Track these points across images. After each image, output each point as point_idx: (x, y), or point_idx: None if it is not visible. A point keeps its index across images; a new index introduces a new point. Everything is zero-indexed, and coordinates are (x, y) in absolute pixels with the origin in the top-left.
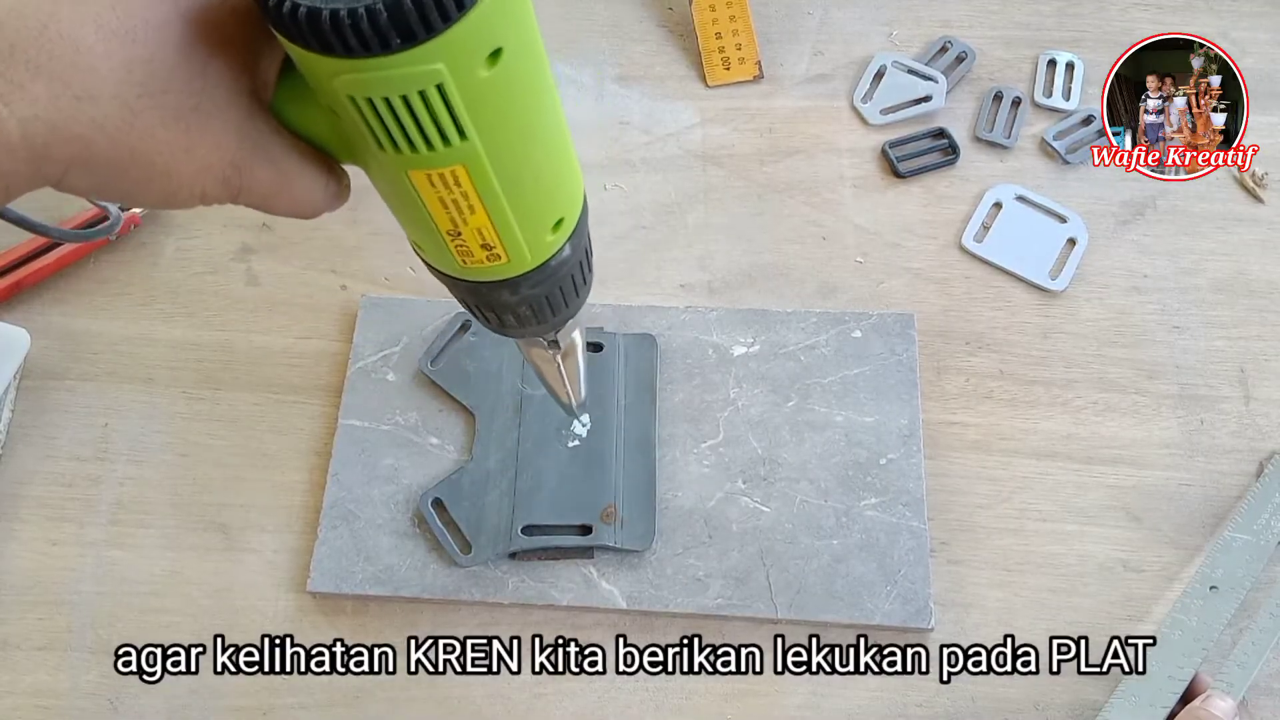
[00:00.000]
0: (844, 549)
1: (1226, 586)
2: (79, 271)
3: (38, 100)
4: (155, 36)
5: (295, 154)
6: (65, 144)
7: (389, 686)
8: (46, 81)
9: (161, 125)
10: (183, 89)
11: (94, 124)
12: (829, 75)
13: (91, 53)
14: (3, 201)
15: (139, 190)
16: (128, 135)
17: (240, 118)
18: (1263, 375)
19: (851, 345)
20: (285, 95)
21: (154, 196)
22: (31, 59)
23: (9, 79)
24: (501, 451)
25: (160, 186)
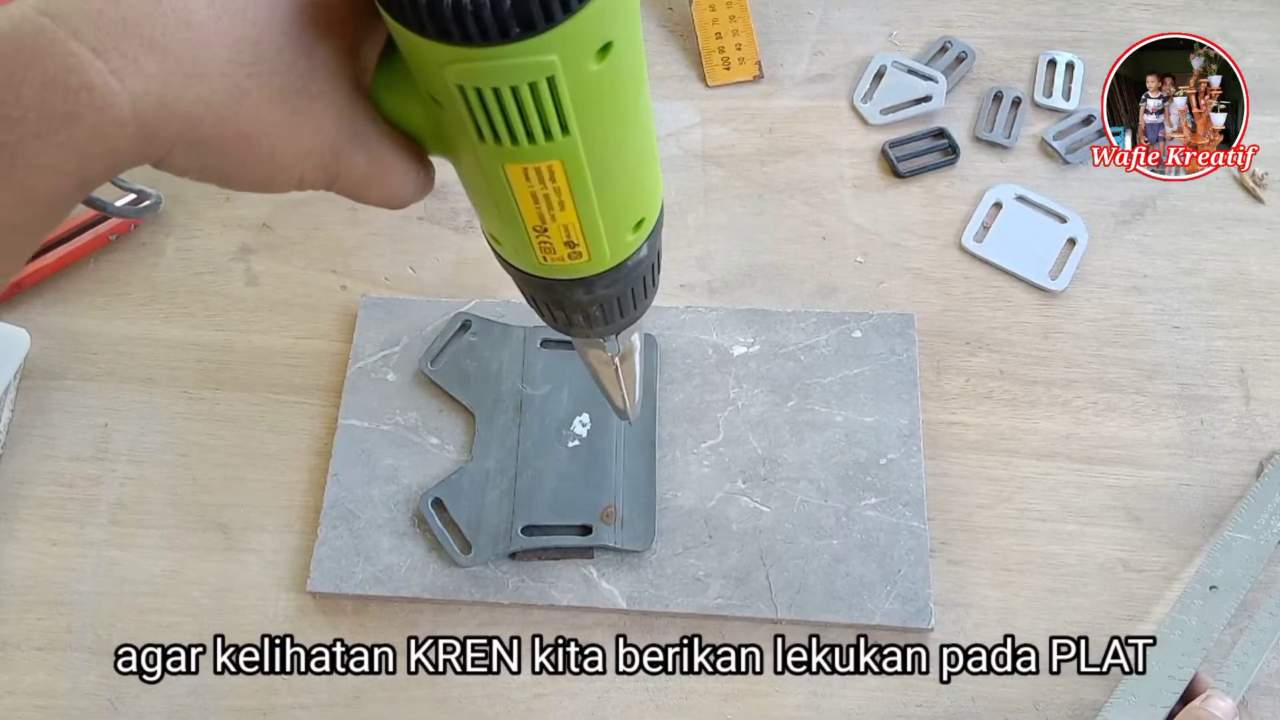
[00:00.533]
0: (844, 549)
1: (1226, 586)
2: (79, 271)
3: (150, 76)
4: (265, 16)
5: (389, 142)
6: (173, 121)
7: (389, 686)
8: (160, 57)
9: (268, 106)
10: (289, 70)
11: (202, 102)
12: (829, 75)
13: (203, 29)
14: (109, 176)
15: (240, 173)
16: (235, 115)
17: (342, 103)
18: (1263, 375)
19: (851, 345)
20: (383, 82)
21: (254, 179)
22: (145, 34)
23: (123, 53)
24: (501, 451)
25: (262, 170)
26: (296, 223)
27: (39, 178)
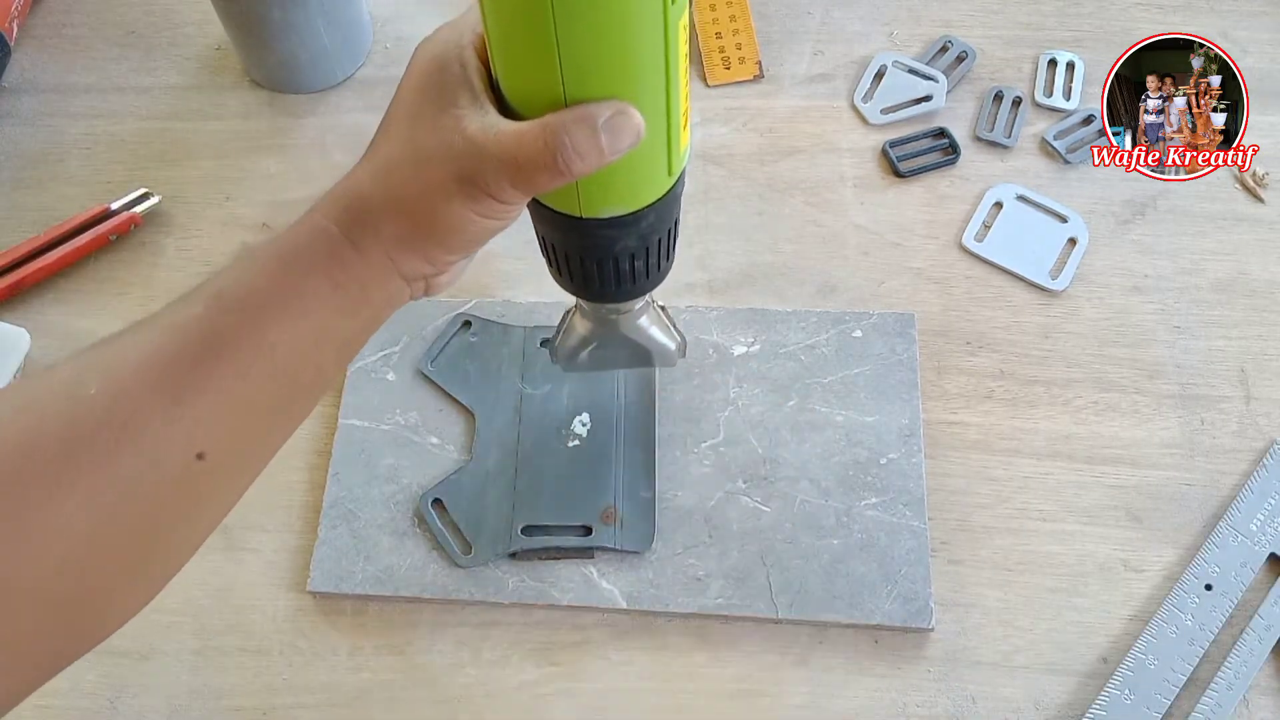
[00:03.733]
0: (844, 549)
1: (1221, 586)
2: (79, 271)
3: (429, 268)
4: (419, 185)
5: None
6: (416, 265)
7: (389, 686)
8: (441, 253)
9: (445, 224)
10: (432, 188)
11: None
12: (829, 75)
13: (444, 220)
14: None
15: (446, 240)
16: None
17: (460, 150)
18: (1263, 375)
19: (852, 345)
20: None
21: (457, 241)
22: (430, 237)
23: (430, 260)
24: (501, 451)
25: (454, 231)
26: None
27: (374, 324)
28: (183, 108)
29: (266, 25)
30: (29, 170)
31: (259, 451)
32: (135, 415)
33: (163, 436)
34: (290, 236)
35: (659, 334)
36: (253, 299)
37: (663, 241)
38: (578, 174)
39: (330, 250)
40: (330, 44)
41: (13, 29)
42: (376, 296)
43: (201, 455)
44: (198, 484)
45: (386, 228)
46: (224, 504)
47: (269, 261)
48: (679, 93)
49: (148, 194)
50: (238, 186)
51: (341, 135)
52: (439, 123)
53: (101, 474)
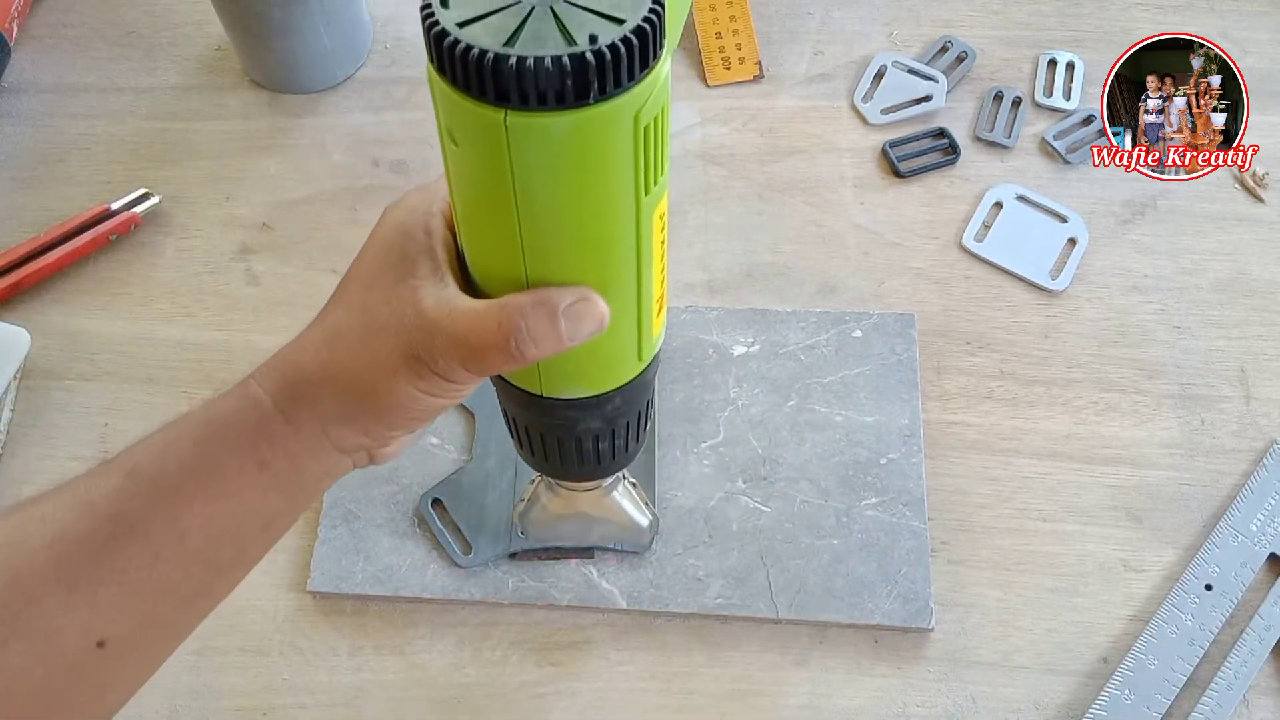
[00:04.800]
0: (844, 549)
1: (1221, 586)
2: (79, 271)
3: (369, 441)
4: (366, 359)
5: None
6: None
7: (389, 686)
8: (381, 429)
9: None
10: (377, 358)
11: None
12: (829, 75)
13: (387, 397)
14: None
15: (389, 417)
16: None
17: (411, 325)
18: (1263, 375)
19: (852, 345)
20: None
21: (400, 418)
22: (371, 412)
23: (370, 434)
24: (501, 451)
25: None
26: (296, 223)
27: (306, 498)
28: (183, 108)
29: (266, 25)
30: (29, 170)
31: (171, 633)
32: (31, 602)
33: (59, 626)
34: (219, 405)
35: (631, 511)
36: (167, 479)
37: (631, 425)
38: (531, 359)
39: (259, 424)
40: (330, 44)
41: (13, 29)
42: (310, 472)
43: (102, 644)
44: (98, 671)
45: (325, 400)
46: (131, 686)
47: (189, 436)
48: (652, 280)
49: (148, 194)
50: (237, 186)
51: (341, 135)
52: (394, 293)
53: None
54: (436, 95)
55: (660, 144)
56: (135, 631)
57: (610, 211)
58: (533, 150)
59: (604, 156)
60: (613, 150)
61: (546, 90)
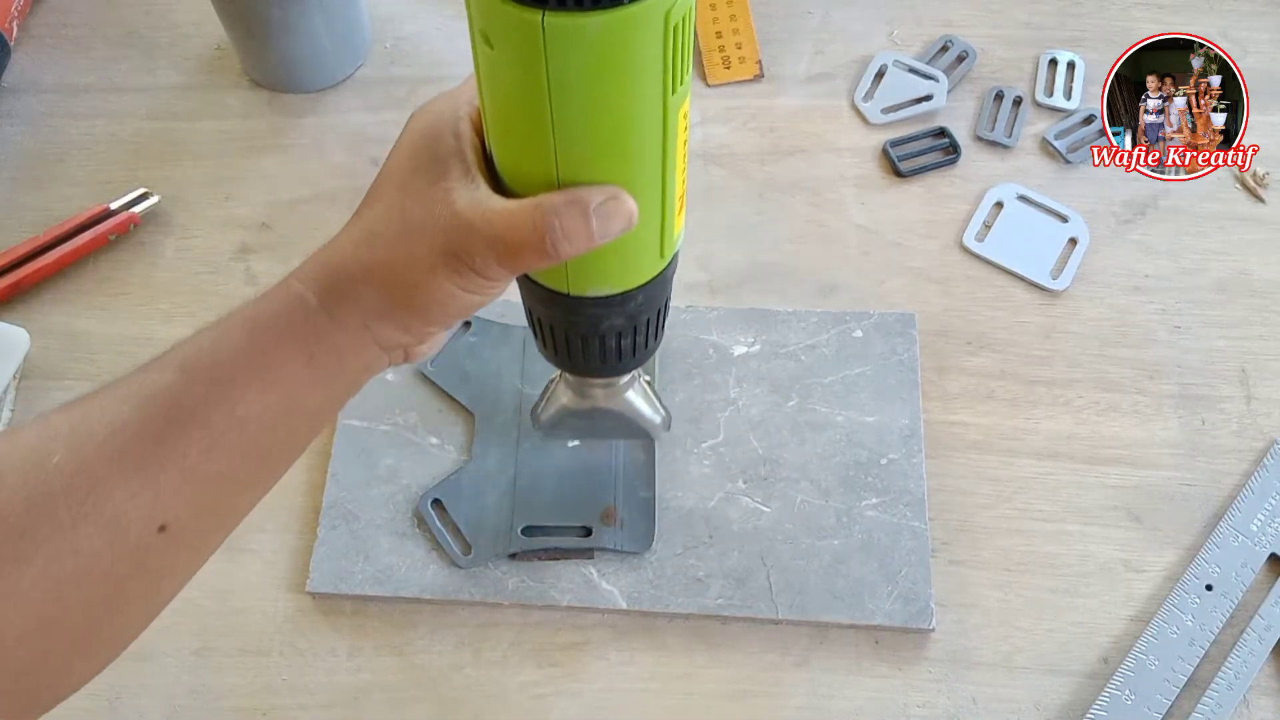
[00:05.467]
0: (845, 549)
1: (1222, 586)
2: (79, 271)
3: (408, 338)
4: (406, 254)
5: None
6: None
7: (389, 686)
8: (421, 324)
9: (425, 307)
10: (416, 257)
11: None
12: (830, 74)
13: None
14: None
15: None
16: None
17: (448, 225)
18: (1264, 375)
19: (852, 345)
20: None
21: (438, 314)
22: (410, 309)
23: (409, 330)
24: (501, 452)
25: (435, 306)
26: (296, 222)
27: (348, 393)
28: (182, 108)
29: (266, 25)
30: (29, 170)
31: (224, 522)
32: (97, 487)
33: (124, 509)
34: (265, 304)
35: (644, 408)
36: (222, 370)
37: (651, 321)
38: (565, 257)
39: (305, 320)
40: (329, 44)
41: (13, 29)
42: (352, 366)
43: (164, 528)
44: (159, 556)
45: (367, 297)
46: (185, 574)
47: (240, 330)
48: (675, 179)
49: (147, 194)
50: (237, 186)
51: (341, 135)
52: (428, 195)
53: (61, 547)
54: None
55: (687, 43)
56: (193, 518)
57: (640, 109)
58: (569, 50)
59: (636, 55)
60: (644, 49)
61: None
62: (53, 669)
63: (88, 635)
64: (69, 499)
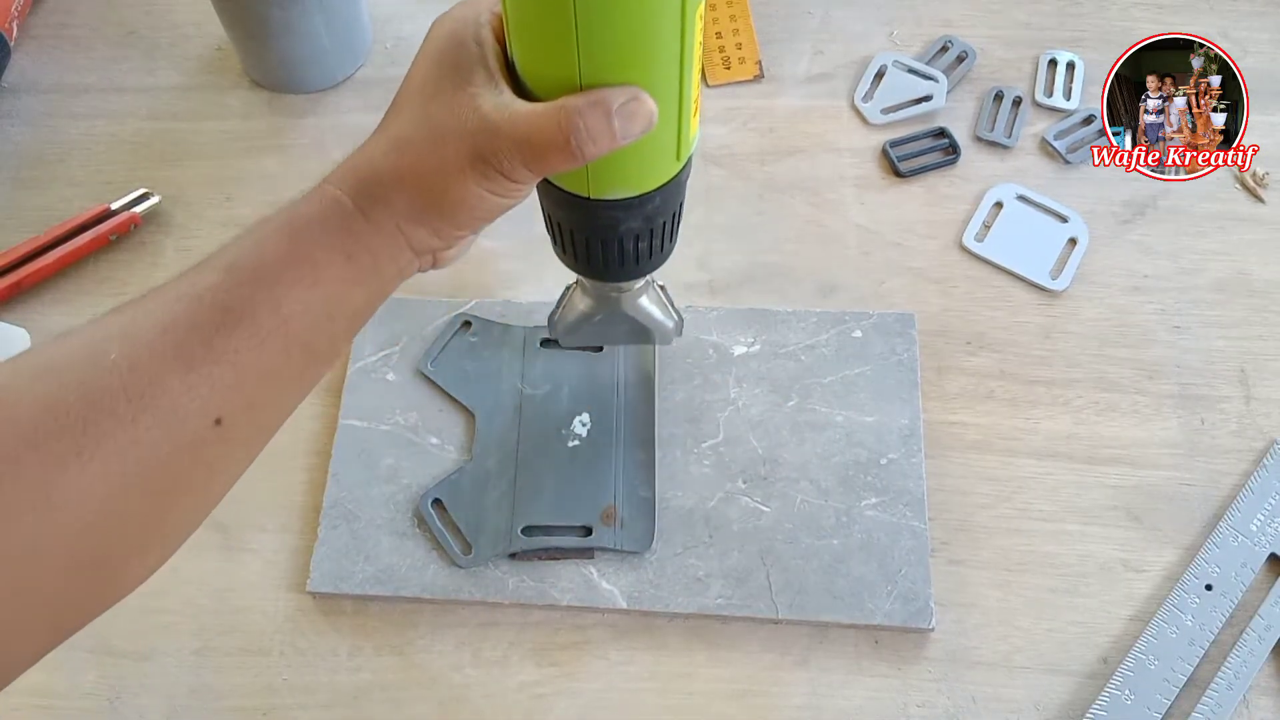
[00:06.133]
0: (844, 549)
1: (1222, 586)
2: (79, 272)
3: (438, 242)
4: (436, 161)
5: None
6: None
7: (389, 686)
8: (450, 228)
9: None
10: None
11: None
12: (829, 75)
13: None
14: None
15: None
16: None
17: (475, 127)
18: (1263, 375)
19: (852, 345)
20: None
21: (467, 216)
22: (441, 212)
23: (439, 234)
24: (501, 451)
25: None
26: None
27: (382, 295)
28: (183, 108)
29: (266, 25)
30: (29, 170)
31: (273, 418)
32: (154, 382)
33: (181, 403)
34: (303, 207)
35: (658, 312)
36: (267, 269)
37: (667, 224)
38: (589, 157)
39: (343, 222)
40: (330, 44)
41: (13, 29)
42: (387, 268)
43: (219, 421)
44: (214, 450)
45: (399, 201)
46: (237, 469)
47: (281, 232)
48: (692, 80)
49: (148, 194)
50: (237, 186)
51: (341, 135)
52: (454, 100)
53: (122, 440)
54: None
55: None
56: (246, 412)
57: (661, 9)
58: None
59: None
60: None
61: None
62: (113, 563)
63: (148, 529)
64: (128, 393)
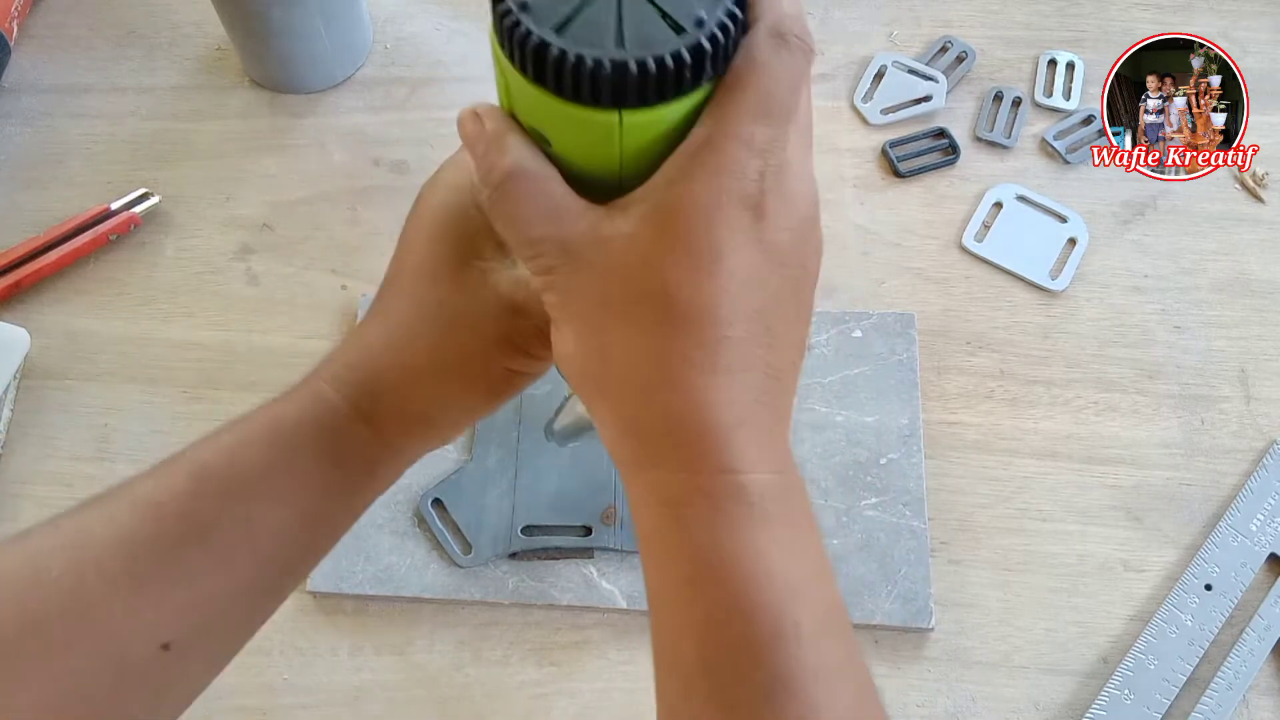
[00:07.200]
0: (844, 549)
1: (1221, 586)
2: (79, 271)
3: (453, 432)
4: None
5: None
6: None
7: (389, 686)
8: (467, 418)
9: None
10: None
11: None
12: (829, 75)
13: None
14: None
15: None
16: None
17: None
18: (1263, 375)
19: (852, 345)
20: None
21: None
22: (462, 405)
23: (457, 426)
24: (501, 451)
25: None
26: (297, 223)
27: (372, 499)
28: (183, 108)
29: (266, 25)
30: (29, 170)
31: (237, 635)
32: (96, 605)
33: (125, 628)
34: (288, 408)
35: None
36: (237, 481)
37: None
38: None
39: (335, 427)
40: (330, 44)
41: (13, 29)
42: (385, 474)
43: (167, 646)
44: (161, 674)
45: (413, 402)
46: (190, 693)
47: (260, 437)
48: None
49: (147, 194)
50: (238, 186)
51: (341, 135)
52: (463, 280)
53: (57, 665)
54: (524, 100)
55: None
56: (201, 634)
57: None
58: (646, 134)
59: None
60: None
61: (665, 86)
62: None
63: None
64: (65, 618)
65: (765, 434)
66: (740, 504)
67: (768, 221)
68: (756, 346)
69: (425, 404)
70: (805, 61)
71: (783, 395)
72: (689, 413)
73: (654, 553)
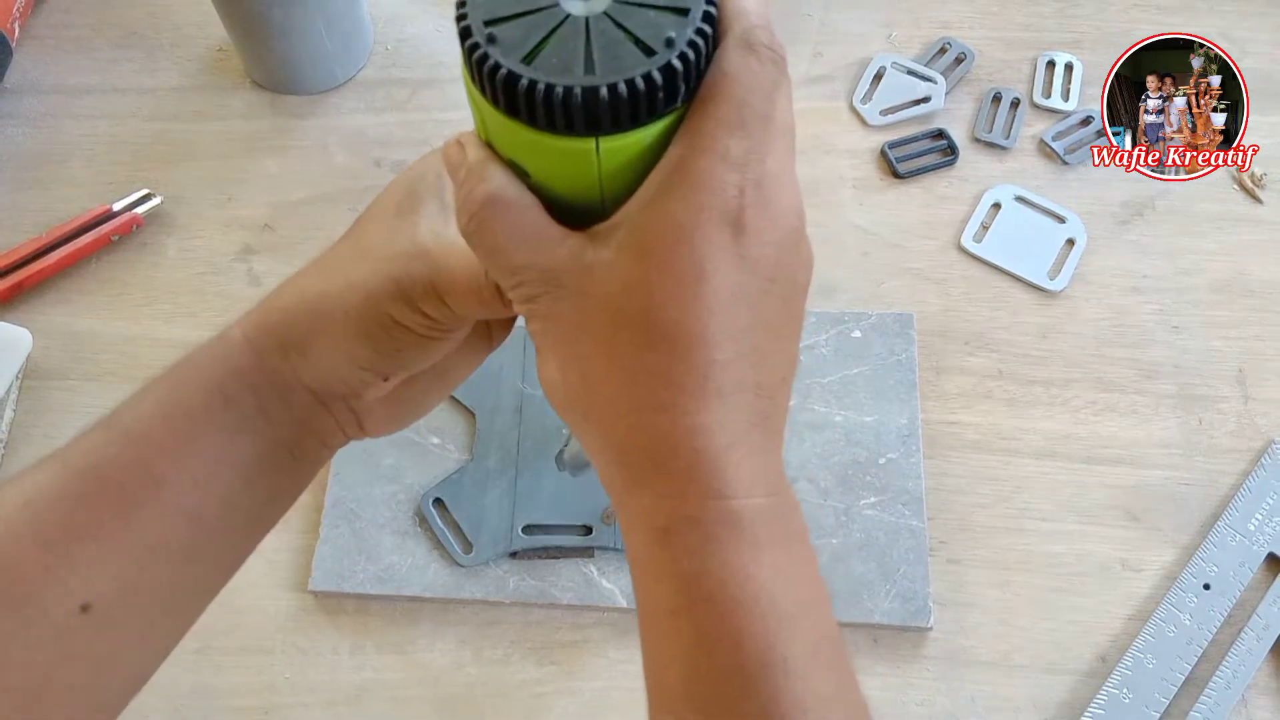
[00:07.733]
0: (843, 548)
1: (1220, 585)
2: (81, 272)
3: (334, 381)
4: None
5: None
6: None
7: (390, 685)
8: (345, 361)
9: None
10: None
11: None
12: (828, 76)
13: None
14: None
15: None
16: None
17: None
18: (1262, 375)
19: (851, 345)
20: None
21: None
22: (334, 339)
23: (337, 370)
24: (502, 451)
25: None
26: (298, 223)
27: (283, 448)
28: (184, 109)
29: (267, 26)
30: (31, 171)
31: (162, 602)
32: (11, 566)
33: (37, 588)
34: (197, 352)
35: None
36: (138, 425)
37: None
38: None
39: (225, 357)
40: (331, 45)
41: (14, 30)
42: (278, 413)
43: (86, 608)
44: (87, 641)
45: (294, 329)
46: (132, 666)
47: (165, 379)
48: None
49: (149, 195)
50: (239, 187)
51: (343, 136)
52: (394, 225)
53: None
54: (500, 131)
55: None
56: (120, 596)
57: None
58: (624, 157)
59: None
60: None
61: (639, 110)
62: None
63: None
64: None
65: (757, 456)
66: (730, 530)
67: (750, 237)
68: (745, 367)
69: (304, 332)
70: (776, 69)
71: (774, 414)
72: (677, 438)
73: (643, 579)
